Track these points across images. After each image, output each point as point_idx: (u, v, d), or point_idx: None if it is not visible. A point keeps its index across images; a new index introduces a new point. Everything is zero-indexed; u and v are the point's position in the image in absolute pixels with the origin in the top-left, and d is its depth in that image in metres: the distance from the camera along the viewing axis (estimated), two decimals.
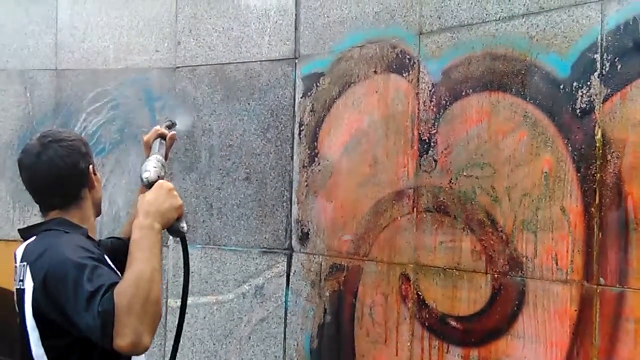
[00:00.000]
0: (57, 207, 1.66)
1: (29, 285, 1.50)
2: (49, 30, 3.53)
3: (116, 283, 1.36)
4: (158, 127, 2.08)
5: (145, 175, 1.61)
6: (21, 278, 1.56)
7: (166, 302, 3.27)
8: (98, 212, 1.79)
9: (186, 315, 3.15)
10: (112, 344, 1.31)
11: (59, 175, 1.63)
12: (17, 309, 1.60)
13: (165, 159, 1.93)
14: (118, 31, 3.43)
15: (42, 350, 1.51)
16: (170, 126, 2.19)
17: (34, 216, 3.48)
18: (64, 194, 1.65)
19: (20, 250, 1.63)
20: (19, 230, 1.72)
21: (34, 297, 1.49)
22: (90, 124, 3.44)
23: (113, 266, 1.61)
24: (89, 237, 1.65)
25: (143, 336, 1.32)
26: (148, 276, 1.36)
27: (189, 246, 1.79)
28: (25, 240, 1.65)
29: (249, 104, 3.13)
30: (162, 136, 2.02)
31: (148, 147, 1.99)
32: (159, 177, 1.62)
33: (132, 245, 1.43)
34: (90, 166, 1.71)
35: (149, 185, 1.58)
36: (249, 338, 3.08)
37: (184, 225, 1.60)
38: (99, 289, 1.35)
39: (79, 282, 1.38)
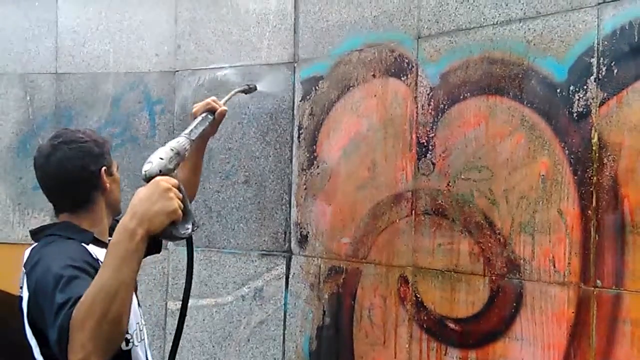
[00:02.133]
0: (67, 210, 1.64)
1: (25, 294, 1.50)
2: (50, 34, 3.55)
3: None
4: (211, 99, 1.98)
5: (145, 167, 1.42)
6: (21, 285, 1.56)
7: (166, 304, 3.28)
8: (116, 212, 1.75)
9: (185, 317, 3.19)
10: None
11: (67, 179, 1.61)
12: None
13: (212, 135, 1.81)
14: (118, 35, 3.45)
15: (41, 358, 1.51)
16: (248, 90, 2.06)
17: (34, 219, 3.49)
18: (73, 197, 1.63)
19: (26, 254, 1.61)
20: (30, 231, 1.70)
21: (28, 307, 1.49)
22: (91, 128, 3.45)
23: None
24: (96, 241, 1.63)
25: (91, 356, 1.21)
26: (112, 290, 1.23)
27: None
28: (35, 242, 1.64)
29: (248, 107, 3.14)
30: (212, 110, 1.91)
31: (198, 113, 1.93)
32: (160, 171, 1.42)
33: (109, 249, 1.30)
34: (103, 168, 1.66)
35: (147, 179, 1.40)
36: (248, 340, 3.09)
37: (186, 229, 1.40)
38: (67, 302, 1.28)
39: (53, 294, 1.33)
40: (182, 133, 1.69)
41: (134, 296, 1.66)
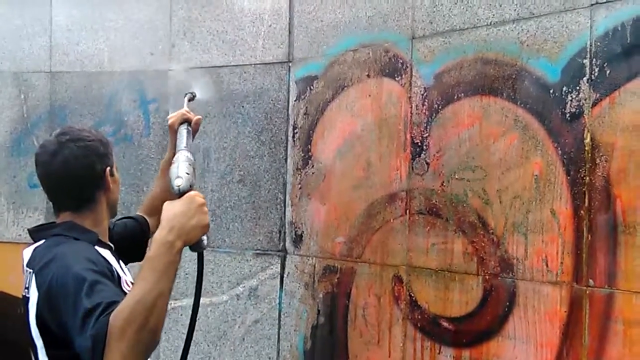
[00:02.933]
0: (69, 209, 1.61)
1: (33, 294, 1.47)
2: (44, 33, 3.54)
3: (116, 302, 1.29)
4: (184, 110, 1.99)
5: (177, 182, 1.43)
6: (27, 285, 1.53)
7: None
8: (113, 213, 1.73)
9: (180, 316, 3.19)
10: None
11: (73, 177, 1.58)
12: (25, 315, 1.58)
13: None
14: (112, 34, 3.44)
15: (46, 359, 1.48)
16: (192, 99, 2.10)
17: (28, 218, 3.49)
18: (78, 196, 1.61)
19: (27, 253, 1.59)
20: (28, 230, 1.67)
21: (37, 307, 1.46)
22: (85, 127, 3.44)
23: (121, 272, 1.59)
24: (99, 242, 1.62)
25: None
26: (150, 302, 1.25)
27: (183, 249, 1.72)
28: (34, 242, 1.61)
29: (243, 107, 3.15)
30: (188, 121, 1.94)
31: (173, 132, 1.92)
32: (191, 186, 1.45)
33: (146, 262, 1.31)
34: (108, 168, 1.65)
35: (180, 194, 1.42)
36: (243, 339, 3.10)
37: (205, 241, 1.45)
38: (95, 307, 1.29)
39: (77, 297, 1.33)
40: (182, 147, 1.72)
41: None
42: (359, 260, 2.71)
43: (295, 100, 3.02)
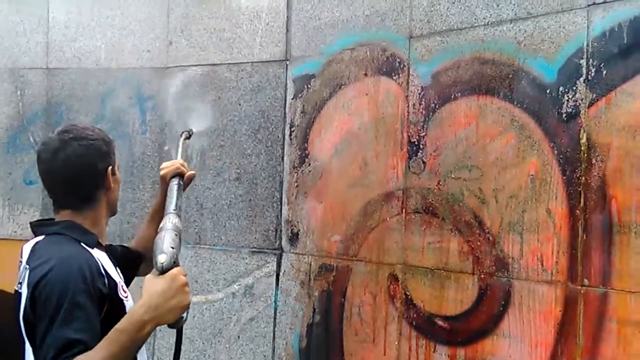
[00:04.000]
0: (70, 207, 1.61)
1: (24, 291, 1.48)
2: (40, 29, 3.53)
3: (79, 344, 1.34)
4: (179, 162, 1.95)
5: (160, 259, 1.42)
6: (20, 281, 1.53)
7: None
8: (113, 212, 1.74)
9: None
10: None
11: (74, 176, 1.58)
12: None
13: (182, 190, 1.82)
14: (110, 31, 3.44)
15: (32, 357, 1.49)
16: (188, 137, 2.08)
17: (24, 214, 3.48)
18: (79, 194, 1.61)
19: (27, 248, 1.58)
20: (30, 223, 1.68)
21: (25, 304, 1.47)
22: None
23: (117, 277, 1.59)
24: (98, 244, 1.62)
25: None
26: None
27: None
28: (35, 236, 1.61)
29: (239, 104, 3.15)
30: (181, 174, 1.91)
31: (164, 182, 1.89)
32: (174, 262, 1.44)
33: (113, 332, 1.36)
34: (109, 167, 1.65)
35: (163, 272, 1.41)
36: (238, 337, 3.10)
37: (184, 316, 1.45)
38: (66, 345, 1.34)
39: (55, 315, 1.37)
40: (170, 210, 1.71)
41: (132, 300, 1.66)
42: (355, 258, 2.71)
43: (292, 99, 3.02)
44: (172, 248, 1.46)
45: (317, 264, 2.87)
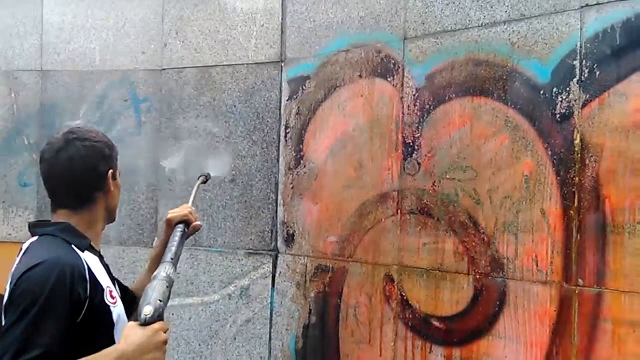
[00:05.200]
0: (67, 207, 1.62)
1: (7, 288, 1.49)
2: (34, 31, 3.52)
3: (44, 353, 1.35)
4: (189, 208, 1.92)
5: (145, 311, 1.41)
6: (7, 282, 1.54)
7: None
8: (111, 219, 1.73)
9: (171, 315, 3.19)
10: None
11: (75, 175, 1.60)
12: None
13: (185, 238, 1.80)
14: (104, 32, 3.43)
15: None
16: (205, 181, 2.05)
17: (18, 217, 3.47)
18: (78, 194, 1.62)
19: (22, 249, 1.59)
20: (28, 223, 1.69)
21: (5, 301, 1.48)
22: (76, 126, 3.43)
23: (107, 281, 1.59)
24: (90, 248, 1.62)
25: None
26: None
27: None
28: (32, 236, 1.62)
29: (234, 106, 3.15)
30: (187, 222, 1.88)
31: (169, 226, 1.86)
32: (159, 316, 1.43)
33: None
34: (110, 170, 1.66)
35: (145, 324, 1.41)
36: (235, 338, 3.10)
37: None
38: (29, 348, 1.34)
39: (25, 315, 1.38)
40: (167, 258, 1.69)
41: (122, 305, 1.65)
42: (351, 259, 2.72)
43: (287, 100, 3.03)
44: (160, 301, 1.45)
45: (313, 265, 2.87)
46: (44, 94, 3.50)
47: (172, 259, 1.68)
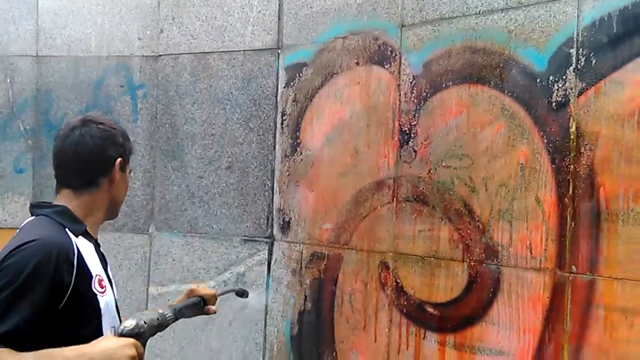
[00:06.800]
0: (70, 187, 1.62)
1: None
2: (30, 16, 3.50)
3: (13, 333, 1.36)
4: (219, 292, 1.94)
5: (126, 323, 1.45)
6: None
7: (147, 289, 3.29)
8: (113, 213, 1.74)
9: (167, 301, 3.20)
10: None
11: (83, 153, 1.61)
12: None
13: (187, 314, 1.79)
14: (100, 18, 3.41)
15: None
16: (242, 294, 2.02)
17: (14, 203, 3.47)
18: (82, 174, 1.62)
19: (20, 227, 1.61)
20: (30, 204, 1.70)
21: None
22: (72, 111, 3.42)
23: (98, 269, 1.59)
24: (86, 234, 1.62)
25: None
26: None
27: (170, 235, 1.71)
28: (31, 215, 1.63)
29: (231, 93, 3.14)
30: (206, 300, 1.87)
31: (188, 295, 1.86)
32: (137, 333, 1.45)
33: (48, 351, 1.37)
34: (119, 159, 1.66)
35: (121, 335, 1.44)
36: (230, 324, 3.11)
37: None
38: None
39: (2, 291, 1.39)
40: (173, 306, 1.71)
41: (112, 295, 1.66)
42: (346, 246, 2.73)
43: (284, 87, 3.02)
44: (144, 323, 1.47)
45: (309, 252, 2.88)
46: (39, 80, 3.49)
47: (175, 309, 1.69)
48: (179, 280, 3.19)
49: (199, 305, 1.84)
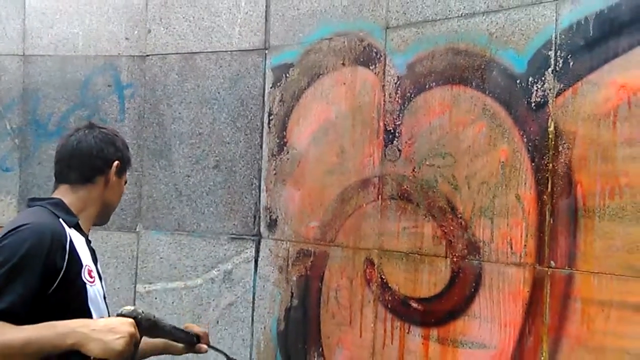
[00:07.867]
0: (68, 182, 1.70)
1: None
2: (17, 16, 3.50)
3: (7, 312, 1.40)
4: (207, 332, 1.97)
5: (126, 307, 1.52)
6: None
7: (134, 287, 3.31)
8: (104, 217, 1.80)
9: (154, 299, 3.22)
10: None
11: (83, 149, 1.70)
12: None
13: (171, 353, 1.85)
14: (87, 18, 3.43)
15: None
16: (229, 358, 2.03)
17: (1, 201, 3.47)
18: (80, 170, 1.70)
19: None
20: (27, 199, 1.78)
21: None
22: (59, 111, 3.44)
23: (87, 260, 1.63)
24: (77, 227, 1.67)
25: None
26: (9, 347, 1.38)
27: (157, 233, 1.78)
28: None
29: (219, 93, 3.18)
30: (198, 337, 1.90)
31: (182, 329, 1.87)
32: (135, 317, 1.50)
33: (38, 329, 1.41)
34: (117, 162, 1.74)
35: (119, 315, 1.50)
36: (217, 322, 3.15)
37: None
38: None
39: None
40: (175, 326, 1.77)
41: (101, 287, 1.70)
42: (332, 244, 2.78)
43: (271, 88, 3.06)
44: (142, 312, 1.52)
45: (295, 250, 2.93)
46: (26, 79, 3.49)
47: (171, 325, 1.73)
48: (167, 278, 3.22)
49: (193, 340, 1.87)
